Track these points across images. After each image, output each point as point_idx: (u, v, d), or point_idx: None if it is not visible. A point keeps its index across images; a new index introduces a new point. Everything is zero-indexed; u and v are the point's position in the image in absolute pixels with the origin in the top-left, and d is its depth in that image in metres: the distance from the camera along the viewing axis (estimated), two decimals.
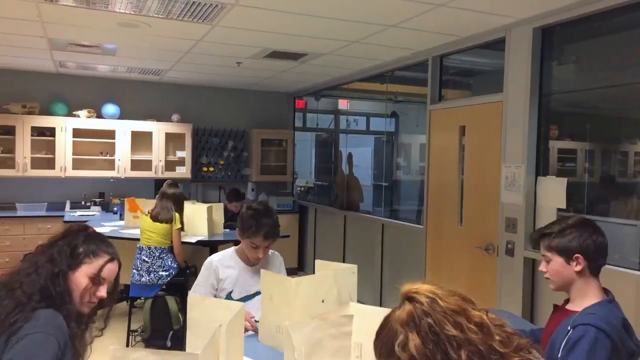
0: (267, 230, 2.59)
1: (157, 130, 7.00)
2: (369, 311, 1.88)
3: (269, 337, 2.23)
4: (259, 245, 2.60)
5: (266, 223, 2.60)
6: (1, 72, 6.48)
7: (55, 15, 4.01)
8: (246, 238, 2.61)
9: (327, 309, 2.17)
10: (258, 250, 2.62)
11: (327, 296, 2.22)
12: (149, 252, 4.47)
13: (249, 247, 2.62)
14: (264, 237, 2.59)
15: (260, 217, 2.60)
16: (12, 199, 6.56)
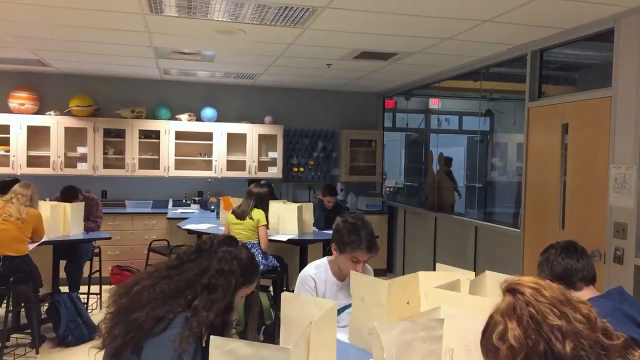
0: (370, 243, 2.55)
1: (251, 131, 7.27)
2: (460, 315, 1.82)
3: (360, 339, 2.23)
4: (359, 260, 2.57)
5: (366, 236, 2.56)
6: (113, 80, 7.08)
7: (160, 25, 4.30)
8: (347, 252, 2.56)
9: (413, 311, 2.14)
10: (358, 264, 2.57)
11: (411, 298, 2.19)
12: None
13: (348, 261, 2.57)
14: (367, 250, 2.55)
15: (360, 231, 2.56)
16: (122, 197, 7.14)
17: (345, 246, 2.56)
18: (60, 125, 6.65)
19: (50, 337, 4.61)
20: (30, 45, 5.18)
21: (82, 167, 6.73)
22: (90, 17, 4.12)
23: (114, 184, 7.13)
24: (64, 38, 4.84)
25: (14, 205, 4.22)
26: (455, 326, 1.79)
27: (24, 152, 6.53)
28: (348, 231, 2.57)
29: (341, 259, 2.62)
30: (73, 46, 5.18)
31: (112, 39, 4.82)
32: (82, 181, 6.20)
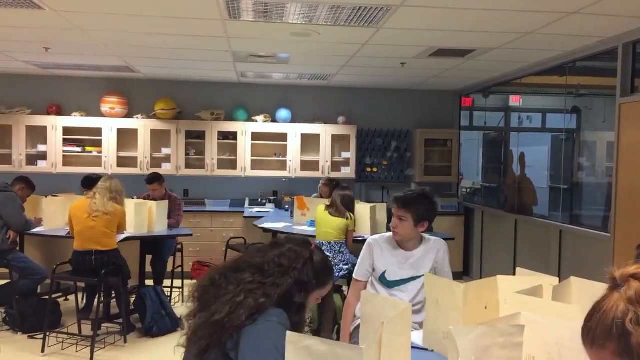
0: (395, 198, 2.80)
1: (324, 132, 7.33)
2: (543, 323, 1.73)
3: (435, 343, 2.18)
4: (394, 214, 2.77)
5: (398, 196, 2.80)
6: (194, 84, 7.41)
7: (238, 30, 4.45)
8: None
9: (491, 316, 2.06)
10: (393, 219, 2.77)
11: (489, 302, 2.11)
12: (330, 247, 4.68)
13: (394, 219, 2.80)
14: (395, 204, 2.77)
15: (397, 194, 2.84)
16: (202, 196, 7.46)
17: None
18: (146, 127, 7.05)
19: (137, 328, 4.91)
20: (120, 53, 5.54)
21: (166, 167, 7.10)
22: (174, 25, 4.34)
23: (195, 183, 7.46)
24: (149, 45, 5.14)
25: (98, 201, 4.49)
26: (537, 334, 1.71)
27: (115, 153, 7.00)
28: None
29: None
30: (158, 53, 5.48)
31: (193, 45, 5.05)
32: (166, 180, 6.54)
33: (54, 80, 7.17)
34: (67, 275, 4.58)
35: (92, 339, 4.27)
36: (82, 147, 7.02)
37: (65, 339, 4.52)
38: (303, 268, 1.79)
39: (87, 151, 7.03)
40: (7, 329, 4.81)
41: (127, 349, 4.51)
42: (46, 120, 6.91)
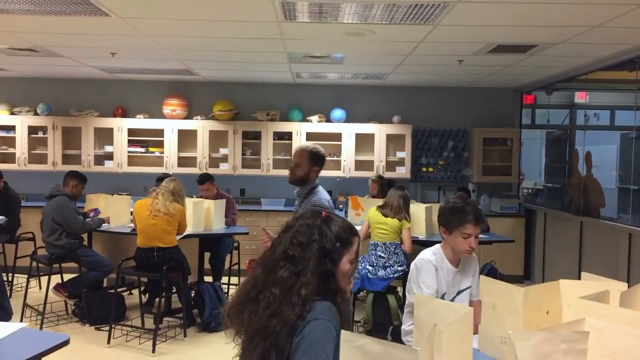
0: (476, 215, 2.57)
1: (379, 131, 7.28)
2: (609, 330, 1.64)
3: (492, 348, 2.12)
4: (470, 234, 2.56)
5: (471, 209, 2.58)
6: (250, 86, 7.56)
7: (293, 31, 4.50)
8: (456, 230, 2.58)
9: (553, 322, 1.97)
10: (470, 239, 2.57)
11: (551, 307, 2.02)
12: (384, 247, 4.65)
13: (459, 239, 2.58)
14: (475, 222, 2.56)
15: (464, 206, 2.60)
16: (258, 195, 7.60)
17: (451, 224, 2.59)
18: (205, 128, 7.27)
19: (197, 322, 5.06)
20: (181, 56, 5.74)
21: (224, 167, 7.29)
22: (232, 29, 4.45)
23: (251, 182, 7.61)
24: (209, 49, 5.29)
25: (160, 201, 4.66)
26: (602, 341, 1.62)
27: (175, 154, 7.25)
28: (451, 210, 2.61)
29: (452, 240, 2.63)
30: (217, 56, 5.64)
31: (250, 47, 5.15)
32: (224, 180, 6.72)
33: (119, 83, 7.52)
34: (131, 271, 4.79)
35: (154, 332, 4.45)
36: (146, 148, 7.33)
37: (129, 331, 4.73)
38: (321, 237, 1.72)
39: (150, 151, 7.33)
40: (76, 321, 5.10)
41: (187, 342, 4.66)
42: (113, 122, 7.26)
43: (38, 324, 4.81)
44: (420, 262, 2.68)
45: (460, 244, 2.59)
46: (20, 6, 3.86)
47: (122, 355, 4.38)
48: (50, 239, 4.93)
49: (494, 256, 6.02)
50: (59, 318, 5.11)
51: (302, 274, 1.65)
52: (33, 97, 7.43)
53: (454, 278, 2.69)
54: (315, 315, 1.59)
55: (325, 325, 1.58)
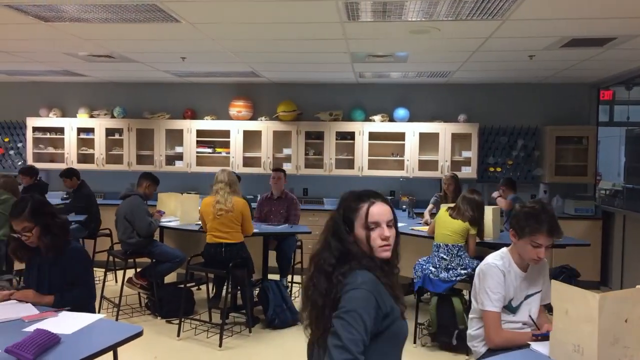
0: (551, 226, 2.42)
1: (444, 131, 7.13)
2: None
3: (563, 355, 2.02)
4: (541, 244, 2.43)
5: (546, 219, 2.43)
6: (313, 86, 7.63)
7: (356, 31, 4.49)
8: (526, 237, 2.45)
9: (633, 331, 1.85)
10: (539, 249, 2.44)
11: (631, 315, 1.89)
12: (447, 249, 4.55)
13: (528, 247, 2.46)
14: (548, 234, 2.42)
15: (539, 214, 2.45)
16: (320, 195, 7.65)
17: (523, 231, 2.46)
18: (269, 129, 7.41)
19: (261, 319, 5.17)
20: (247, 59, 5.88)
21: (287, 166, 7.38)
22: (295, 31, 4.51)
23: (314, 182, 7.68)
24: (273, 51, 5.39)
25: (220, 198, 4.74)
26: None
27: (241, 154, 7.45)
28: (526, 215, 2.48)
29: (521, 246, 2.51)
30: (281, 58, 5.73)
31: (313, 48, 5.20)
32: (287, 180, 6.78)
33: (188, 87, 7.82)
34: (199, 267, 4.96)
35: (220, 327, 4.59)
36: (213, 148, 7.58)
37: (198, 325, 4.91)
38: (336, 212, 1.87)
39: (217, 152, 7.57)
40: (148, 314, 5.35)
41: (252, 338, 4.77)
42: (182, 124, 7.56)
43: (114, 315, 5.09)
44: (486, 267, 2.57)
45: (529, 252, 2.47)
46: (99, 15, 4.10)
47: (191, 347, 4.55)
48: (124, 237, 5.20)
49: (567, 260, 5.74)
50: (133, 310, 5.39)
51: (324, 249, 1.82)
52: (110, 101, 7.87)
53: (522, 282, 2.58)
54: (356, 285, 1.68)
55: (364, 294, 1.66)
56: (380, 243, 1.78)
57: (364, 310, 1.62)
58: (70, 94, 7.98)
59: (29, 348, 2.12)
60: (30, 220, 2.88)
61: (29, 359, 2.09)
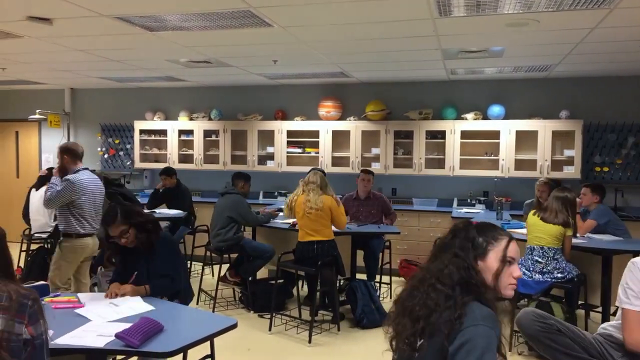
0: None
1: (543, 128, 6.72)
2: None
3: None
4: None
5: None
6: (402, 85, 7.53)
7: (448, 27, 4.37)
8: None
9: None
10: None
11: None
12: (542, 252, 4.30)
13: None
14: None
15: None
16: (409, 195, 7.54)
17: None
18: (358, 129, 7.42)
19: (349, 318, 5.20)
20: (336, 60, 5.93)
21: (375, 166, 7.36)
22: (385, 29, 4.47)
23: (403, 182, 7.58)
24: (362, 51, 5.39)
25: (311, 198, 4.82)
26: None
27: (330, 154, 7.53)
28: None
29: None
30: (370, 57, 5.72)
31: (403, 46, 5.13)
32: (375, 179, 6.76)
33: (279, 88, 8.04)
34: (289, 264, 5.08)
35: (310, 324, 4.67)
36: (303, 148, 7.73)
37: (288, 320, 5.04)
38: (460, 238, 1.76)
39: (307, 152, 7.71)
40: (242, 307, 5.58)
41: (340, 336, 4.81)
42: (274, 124, 7.79)
43: (211, 308, 5.36)
44: (631, 262, 2.46)
45: None
46: (198, 23, 4.34)
47: (282, 342, 4.67)
48: (221, 231, 5.46)
49: None
50: (228, 304, 5.65)
51: (440, 269, 1.71)
52: (207, 104, 8.30)
53: None
54: (475, 320, 1.57)
55: (486, 331, 1.55)
56: (511, 281, 1.73)
57: (487, 350, 1.52)
58: (172, 98, 8.53)
59: (135, 334, 2.30)
60: (124, 223, 3.13)
61: (136, 344, 2.27)
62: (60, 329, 2.40)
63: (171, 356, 2.31)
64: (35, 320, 1.79)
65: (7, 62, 6.38)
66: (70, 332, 2.40)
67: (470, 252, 1.71)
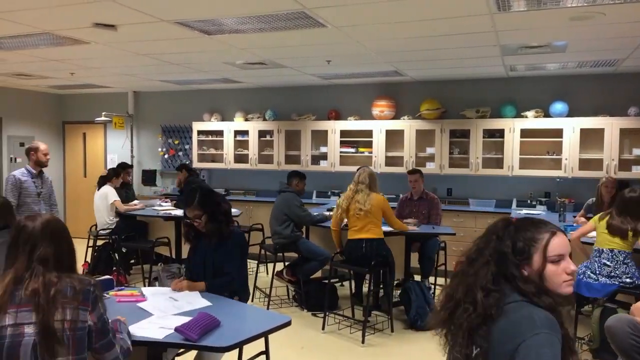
0: None
1: (610, 126, 6.38)
2: None
3: None
4: None
5: None
6: (459, 82, 7.36)
7: (507, 22, 4.23)
8: None
9: None
10: None
11: None
12: (611, 255, 4.07)
13: None
14: None
15: None
16: (466, 195, 7.36)
17: None
18: (412, 128, 7.32)
19: (403, 319, 5.15)
20: (390, 59, 5.88)
21: (430, 166, 7.24)
22: (440, 26, 4.39)
23: (458, 182, 7.41)
24: (417, 49, 5.31)
25: (360, 198, 4.80)
26: None
27: (383, 153, 7.47)
28: None
29: None
30: (424, 55, 5.63)
31: (459, 43, 5.01)
32: (430, 179, 6.67)
33: (332, 88, 8.06)
34: (342, 264, 5.09)
35: (363, 324, 4.66)
36: (356, 148, 7.71)
37: (341, 320, 5.04)
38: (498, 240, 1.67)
39: (360, 152, 7.69)
40: (295, 305, 5.64)
41: (394, 337, 4.77)
42: (327, 124, 7.82)
43: (265, 305, 5.46)
44: None
45: None
46: (253, 26, 4.42)
47: (335, 341, 4.68)
48: (279, 228, 5.54)
49: None
50: (282, 302, 5.72)
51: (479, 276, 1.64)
52: (262, 104, 8.44)
53: None
54: (535, 328, 1.48)
55: (547, 339, 1.47)
56: (565, 277, 1.62)
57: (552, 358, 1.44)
58: (229, 99, 8.73)
59: (194, 329, 2.37)
60: (199, 208, 3.27)
61: (194, 338, 2.34)
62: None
63: (227, 351, 2.37)
64: (96, 306, 1.92)
65: (75, 67, 6.74)
66: (133, 324, 2.51)
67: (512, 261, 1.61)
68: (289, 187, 5.72)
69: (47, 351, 1.74)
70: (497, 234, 1.70)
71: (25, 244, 1.89)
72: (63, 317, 1.79)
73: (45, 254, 1.88)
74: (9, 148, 8.93)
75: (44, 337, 1.74)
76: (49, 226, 1.95)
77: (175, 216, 6.16)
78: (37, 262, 1.86)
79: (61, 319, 1.79)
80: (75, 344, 1.81)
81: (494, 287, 1.60)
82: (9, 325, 1.75)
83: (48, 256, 1.88)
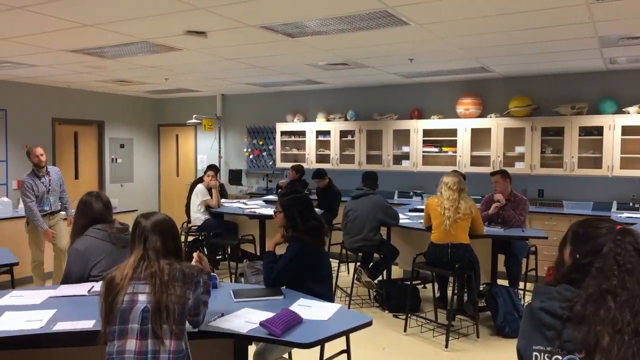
0: None
1: None
2: None
3: None
4: None
5: None
6: (551, 77, 6.95)
7: (605, 12, 3.94)
8: None
9: None
10: None
11: None
12: None
13: None
14: None
15: None
16: (559, 197, 6.94)
17: None
18: (499, 126, 7.02)
19: (489, 325, 4.95)
20: (476, 55, 5.68)
21: (519, 166, 6.90)
22: (530, 19, 4.17)
23: (551, 183, 7.00)
24: (505, 44, 5.09)
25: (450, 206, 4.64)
26: None
27: (468, 153, 7.23)
28: None
29: None
30: (513, 50, 5.38)
31: (552, 36, 4.74)
32: (519, 180, 6.35)
33: (415, 87, 7.92)
34: (425, 266, 4.98)
35: (447, 328, 4.53)
36: (439, 148, 7.53)
37: (424, 322, 4.95)
38: (613, 245, 1.52)
39: (443, 151, 7.49)
40: (376, 306, 5.60)
41: (479, 344, 4.60)
42: (409, 124, 7.70)
43: (346, 304, 5.47)
44: None
45: None
46: (335, 27, 4.46)
47: (417, 344, 4.60)
48: (370, 235, 5.40)
49: None
50: (363, 302, 5.72)
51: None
52: (344, 105, 8.48)
53: None
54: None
55: None
56: None
57: None
58: (311, 100, 8.87)
59: (278, 324, 2.43)
60: (281, 209, 3.47)
61: (278, 334, 2.39)
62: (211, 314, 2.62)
63: (310, 347, 2.40)
64: (196, 288, 2.28)
65: (169, 73, 7.17)
66: (221, 317, 2.62)
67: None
68: (369, 190, 5.61)
69: (159, 320, 2.13)
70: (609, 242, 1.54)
71: (140, 236, 2.33)
72: (174, 293, 2.18)
73: (155, 245, 2.30)
74: (110, 149, 9.68)
75: (157, 309, 2.13)
76: (159, 224, 2.37)
77: (260, 215, 6.34)
78: (151, 251, 2.28)
79: (173, 294, 2.18)
80: (180, 315, 2.18)
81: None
82: (127, 293, 2.17)
83: (157, 247, 2.30)
